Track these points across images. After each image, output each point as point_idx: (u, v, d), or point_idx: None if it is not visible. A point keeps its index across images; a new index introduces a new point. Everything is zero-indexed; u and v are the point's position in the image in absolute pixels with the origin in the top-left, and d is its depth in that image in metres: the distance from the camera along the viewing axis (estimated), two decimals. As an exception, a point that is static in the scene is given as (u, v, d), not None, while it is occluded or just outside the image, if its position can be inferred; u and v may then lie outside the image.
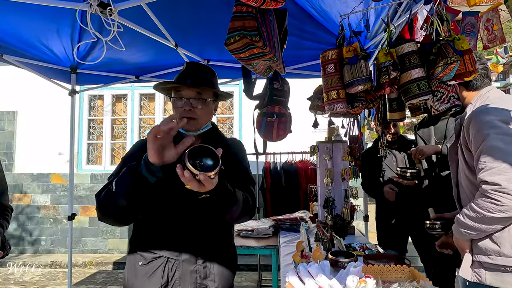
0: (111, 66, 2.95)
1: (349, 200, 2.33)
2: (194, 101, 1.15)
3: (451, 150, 1.47)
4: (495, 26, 1.84)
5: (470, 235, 1.22)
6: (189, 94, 1.16)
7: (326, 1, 2.03)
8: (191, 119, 1.14)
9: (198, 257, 1.13)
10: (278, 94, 2.30)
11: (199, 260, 1.13)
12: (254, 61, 1.35)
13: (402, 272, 1.21)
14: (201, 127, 1.19)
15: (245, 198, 1.09)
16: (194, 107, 1.15)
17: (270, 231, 2.59)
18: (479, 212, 1.14)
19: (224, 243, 1.22)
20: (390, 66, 1.51)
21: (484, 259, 1.20)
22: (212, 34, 2.47)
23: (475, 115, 1.27)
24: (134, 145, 1.25)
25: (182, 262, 1.11)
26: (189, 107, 1.14)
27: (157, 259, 1.12)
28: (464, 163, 1.33)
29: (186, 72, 1.19)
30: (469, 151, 1.28)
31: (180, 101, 1.16)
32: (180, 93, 1.18)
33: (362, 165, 2.79)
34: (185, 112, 1.14)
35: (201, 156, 0.87)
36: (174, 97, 1.19)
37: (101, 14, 1.44)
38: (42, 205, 5.30)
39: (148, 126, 5.50)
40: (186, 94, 1.17)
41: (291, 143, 3.61)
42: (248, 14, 1.24)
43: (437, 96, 1.52)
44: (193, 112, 1.15)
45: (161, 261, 1.11)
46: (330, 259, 1.36)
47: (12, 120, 5.37)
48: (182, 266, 1.11)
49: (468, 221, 1.19)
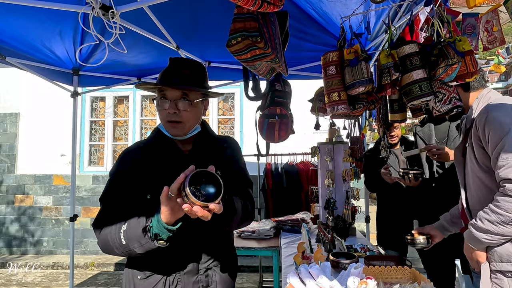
0: (113, 68, 2.97)
1: (350, 201, 2.33)
2: (180, 103, 1.04)
3: (456, 152, 1.43)
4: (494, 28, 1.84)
5: (490, 241, 1.11)
6: (174, 95, 1.05)
7: (327, 3, 2.04)
8: (177, 123, 1.06)
9: (200, 268, 1.09)
10: (279, 95, 2.30)
11: (201, 270, 1.09)
12: (256, 62, 1.35)
13: (403, 274, 1.21)
14: (188, 130, 1.10)
15: (244, 206, 1.05)
16: (180, 109, 1.05)
17: (271, 232, 2.59)
18: (501, 214, 1.05)
19: (225, 248, 1.19)
20: (391, 67, 1.51)
21: (505, 267, 1.11)
22: (213, 36, 2.48)
23: (490, 112, 1.21)
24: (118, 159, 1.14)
25: (184, 275, 1.06)
26: (174, 109, 1.04)
27: (157, 273, 1.06)
28: (475, 163, 1.26)
29: (170, 69, 1.08)
30: (483, 149, 1.22)
31: (165, 103, 1.05)
32: (163, 93, 1.06)
33: (365, 164, 2.79)
34: (170, 115, 1.05)
35: (201, 182, 0.80)
36: (157, 98, 1.08)
37: (103, 17, 1.45)
38: (44, 207, 5.32)
39: (150, 127, 5.52)
40: (171, 95, 1.05)
41: (292, 144, 3.62)
42: (249, 15, 1.24)
43: (439, 97, 1.52)
44: (178, 115, 1.05)
45: (161, 275, 1.06)
46: (331, 260, 1.36)
47: (14, 121, 5.40)
48: (184, 279, 1.06)
49: (489, 226, 1.09)
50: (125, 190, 1.06)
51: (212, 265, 1.12)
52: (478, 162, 1.25)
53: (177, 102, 1.05)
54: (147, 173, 1.07)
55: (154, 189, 1.01)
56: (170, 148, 1.12)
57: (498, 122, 1.16)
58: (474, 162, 1.27)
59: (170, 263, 1.06)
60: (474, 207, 1.30)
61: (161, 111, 1.08)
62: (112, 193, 1.07)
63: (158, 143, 1.13)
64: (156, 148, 1.12)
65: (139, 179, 1.06)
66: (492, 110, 1.22)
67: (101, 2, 1.41)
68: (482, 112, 1.26)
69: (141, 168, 1.08)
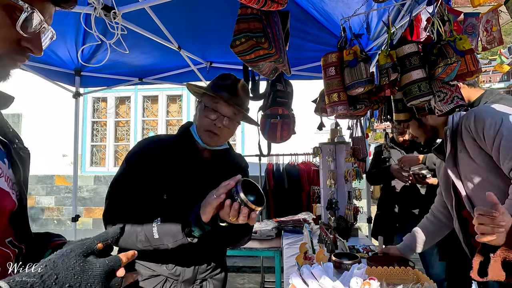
0: (115, 68, 2.98)
1: (353, 202, 2.32)
2: (227, 120, 1.10)
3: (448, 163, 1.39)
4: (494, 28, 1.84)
5: None
6: (226, 111, 1.10)
7: (329, 3, 2.04)
8: (215, 134, 1.10)
9: (197, 278, 1.11)
10: (281, 95, 2.30)
11: (197, 280, 1.11)
12: (260, 62, 1.35)
13: (406, 274, 1.20)
14: (219, 144, 1.15)
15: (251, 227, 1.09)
16: (225, 125, 1.10)
17: (273, 233, 2.59)
18: None
19: (221, 261, 1.21)
20: (389, 68, 1.52)
21: None
22: (214, 36, 2.49)
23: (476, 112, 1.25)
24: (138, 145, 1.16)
25: (182, 282, 1.08)
26: (220, 123, 1.09)
27: (155, 277, 1.07)
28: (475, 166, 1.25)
29: (232, 85, 1.12)
30: (480, 148, 1.22)
31: (214, 114, 1.09)
32: (217, 106, 1.10)
33: (374, 158, 2.81)
34: (214, 127, 1.09)
35: (247, 190, 0.87)
36: (208, 106, 1.11)
37: (105, 17, 1.45)
38: (46, 207, 5.34)
39: (151, 128, 5.52)
40: (223, 110, 1.10)
41: (294, 145, 3.61)
42: (253, 16, 1.24)
43: (440, 96, 1.51)
44: (221, 129, 1.10)
45: (159, 279, 1.07)
46: (334, 261, 1.36)
47: (17, 122, 5.42)
48: (180, 286, 1.08)
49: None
50: (140, 180, 1.04)
51: (208, 276, 1.14)
52: (478, 164, 1.24)
53: (226, 118, 1.10)
54: (166, 169, 1.07)
55: (171, 190, 1.03)
56: (193, 152, 1.14)
57: (489, 116, 1.19)
58: (475, 165, 1.26)
59: (170, 268, 1.07)
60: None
61: (205, 118, 1.10)
62: (125, 182, 1.05)
63: (183, 143, 1.14)
64: (181, 147, 1.13)
65: (157, 172, 1.05)
66: (476, 109, 1.27)
67: (103, 3, 1.41)
68: (468, 114, 1.28)
69: (161, 161, 1.08)
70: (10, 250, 0.57)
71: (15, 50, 0.55)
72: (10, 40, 0.54)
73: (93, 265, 0.49)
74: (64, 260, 0.47)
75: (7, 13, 0.53)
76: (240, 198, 0.85)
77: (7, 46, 0.54)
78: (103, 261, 0.51)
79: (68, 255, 0.48)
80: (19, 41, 0.55)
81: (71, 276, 0.46)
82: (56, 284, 0.44)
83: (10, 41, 0.54)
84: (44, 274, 0.45)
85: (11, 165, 0.61)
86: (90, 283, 0.47)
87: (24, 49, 0.56)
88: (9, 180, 0.58)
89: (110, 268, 0.51)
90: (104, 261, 0.51)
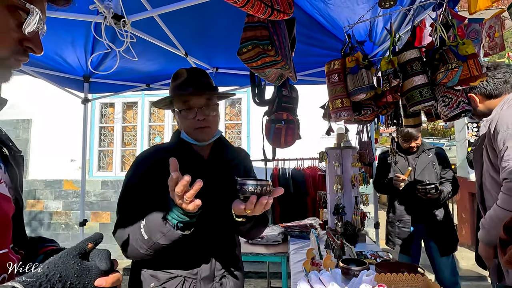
0: (122, 75, 3.02)
1: (360, 207, 2.30)
2: (206, 109, 1.10)
3: (475, 153, 1.49)
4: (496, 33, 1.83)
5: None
6: (199, 102, 1.10)
7: (334, 9, 2.05)
8: (206, 128, 1.10)
9: (215, 274, 1.09)
10: (286, 101, 2.31)
11: (216, 277, 1.09)
12: (266, 69, 1.37)
13: (416, 281, 1.18)
14: (213, 134, 1.15)
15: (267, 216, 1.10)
16: (207, 115, 1.10)
17: (279, 238, 2.58)
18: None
19: (237, 257, 1.20)
20: (390, 74, 1.52)
21: None
22: (220, 43, 2.51)
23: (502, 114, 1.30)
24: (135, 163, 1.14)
25: (201, 280, 1.06)
26: (203, 115, 1.08)
27: (173, 279, 1.05)
28: (489, 164, 1.34)
29: (188, 80, 1.12)
30: (494, 150, 1.30)
31: (191, 112, 1.09)
32: (188, 104, 1.10)
33: (378, 166, 2.85)
34: (199, 122, 1.09)
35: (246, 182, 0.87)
36: (182, 109, 1.11)
37: (115, 26, 1.49)
38: (55, 211, 5.40)
39: (158, 133, 5.57)
40: (197, 102, 1.09)
41: (300, 150, 3.61)
42: (260, 24, 1.26)
43: (445, 101, 1.51)
44: (207, 120, 1.10)
45: (177, 281, 1.04)
46: (342, 267, 1.35)
47: (26, 127, 5.52)
48: (200, 285, 1.06)
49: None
50: (145, 191, 1.05)
51: (227, 272, 1.12)
52: (491, 163, 1.32)
53: (204, 108, 1.10)
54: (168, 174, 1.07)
55: None
56: (191, 154, 1.14)
57: (506, 124, 1.23)
58: (488, 162, 1.34)
59: (187, 267, 1.06)
60: (489, 204, 1.37)
61: (187, 120, 1.11)
62: (130, 198, 1.06)
63: (180, 147, 1.15)
64: (179, 151, 1.13)
65: (161, 179, 1.04)
66: (504, 113, 1.29)
67: (113, 12, 1.44)
68: (494, 116, 1.34)
69: (163, 168, 1.06)
70: (15, 257, 0.58)
71: (18, 50, 0.56)
72: (14, 41, 0.55)
73: (89, 266, 0.54)
74: (64, 261, 0.52)
75: (11, 14, 0.53)
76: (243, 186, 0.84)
77: (12, 47, 0.54)
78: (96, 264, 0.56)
79: (67, 256, 0.53)
80: (21, 41, 0.55)
81: (72, 274, 0.51)
82: (60, 281, 0.49)
83: (15, 42, 0.55)
84: (49, 274, 0.49)
85: (7, 170, 0.62)
86: (87, 282, 0.52)
87: (26, 49, 0.57)
88: (6, 185, 0.59)
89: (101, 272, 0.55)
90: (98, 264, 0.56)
